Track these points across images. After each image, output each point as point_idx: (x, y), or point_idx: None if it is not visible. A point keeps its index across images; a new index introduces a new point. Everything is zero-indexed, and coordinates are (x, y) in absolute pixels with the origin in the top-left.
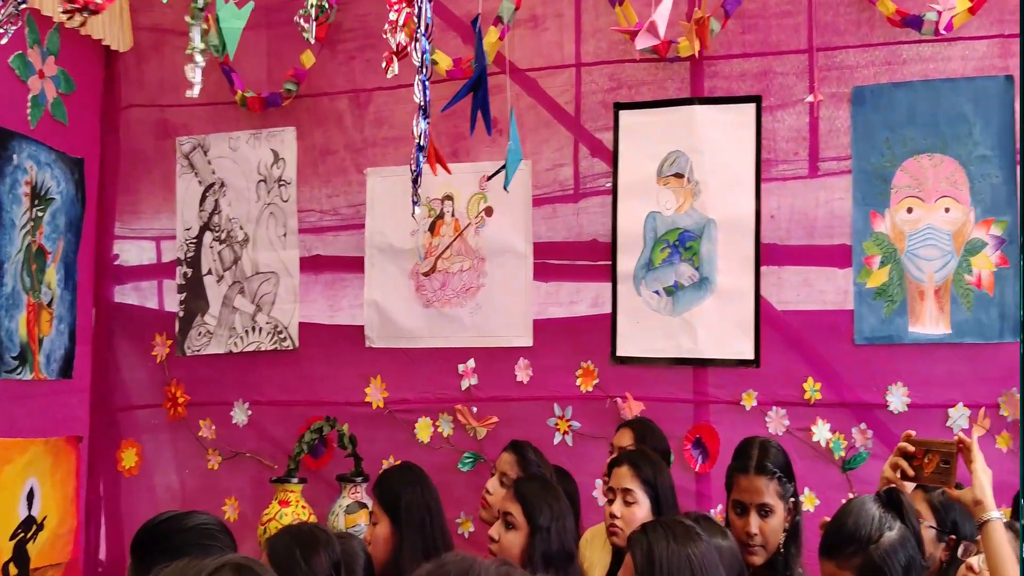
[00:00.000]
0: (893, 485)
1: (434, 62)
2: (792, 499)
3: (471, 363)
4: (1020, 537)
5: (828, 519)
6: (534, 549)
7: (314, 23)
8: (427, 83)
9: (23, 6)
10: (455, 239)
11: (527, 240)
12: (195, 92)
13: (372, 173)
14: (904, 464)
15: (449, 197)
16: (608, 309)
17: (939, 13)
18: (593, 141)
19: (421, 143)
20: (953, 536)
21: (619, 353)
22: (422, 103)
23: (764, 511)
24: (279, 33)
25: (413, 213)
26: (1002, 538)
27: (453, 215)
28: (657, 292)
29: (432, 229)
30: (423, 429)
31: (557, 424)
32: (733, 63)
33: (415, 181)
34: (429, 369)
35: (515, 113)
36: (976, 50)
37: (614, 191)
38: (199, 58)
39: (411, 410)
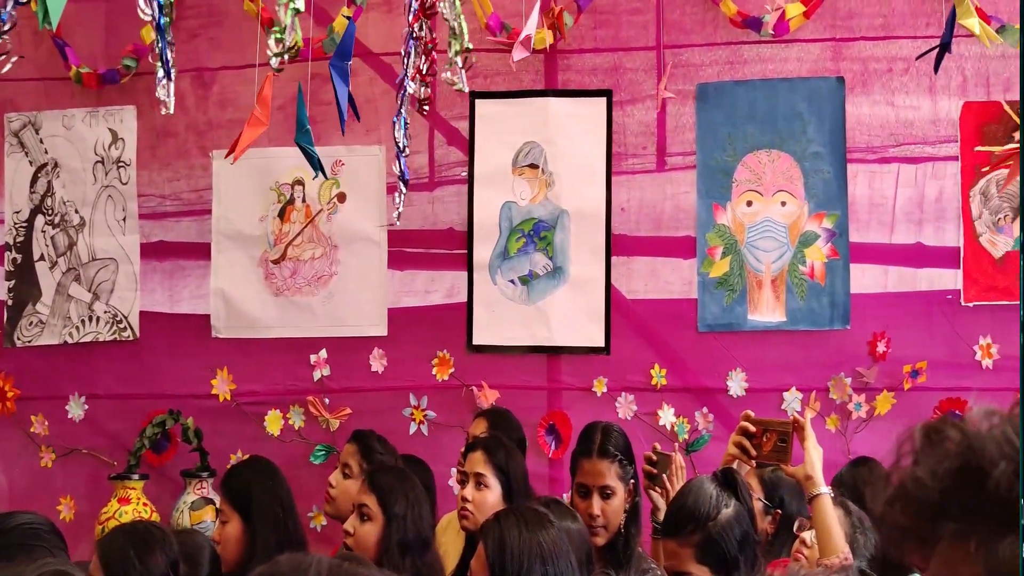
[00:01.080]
0: (732, 464)
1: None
2: (632, 481)
3: (323, 353)
4: (1021, 537)
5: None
6: (390, 538)
7: None
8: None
9: None
10: (306, 226)
11: (381, 227)
12: (7, 66)
13: (218, 156)
14: (746, 443)
15: (299, 182)
16: (464, 298)
17: (775, 16)
18: (449, 129)
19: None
20: (779, 511)
21: (475, 342)
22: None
23: (606, 493)
24: (118, 6)
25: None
26: (830, 511)
27: (304, 200)
28: (512, 281)
29: (282, 215)
30: (273, 422)
31: (412, 414)
32: (585, 57)
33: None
34: (279, 360)
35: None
36: (811, 52)
37: (470, 180)
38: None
39: (260, 402)
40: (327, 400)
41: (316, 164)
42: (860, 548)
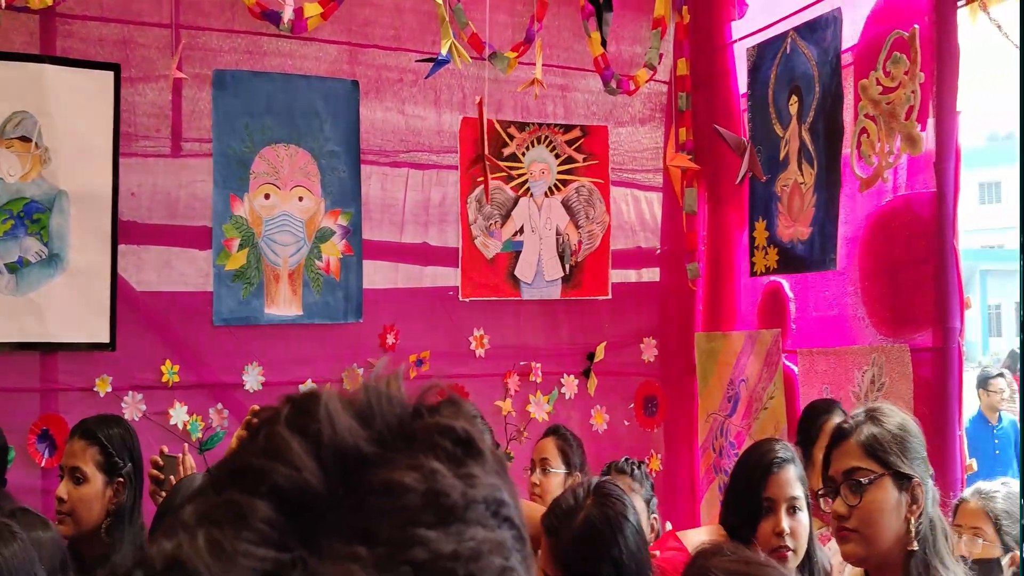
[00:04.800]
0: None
1: None
2: (120, 479)
3: None
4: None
5: None
6: None
7: None
8: None
9: None
10: None
11: None
12: None
13: None
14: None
15: None
16: None
17: (294, 12)
18: None
19: None
20: None
21: None
22: None
23: (76, 477)
24: None
25: None
26: None
27: None
28: None
29: None
30: None
31: None
32: (90, 25)
33: None
34: None
35: None
36: (329, 53)
37: None
38: None
39: None
40: None
41: None
42: None
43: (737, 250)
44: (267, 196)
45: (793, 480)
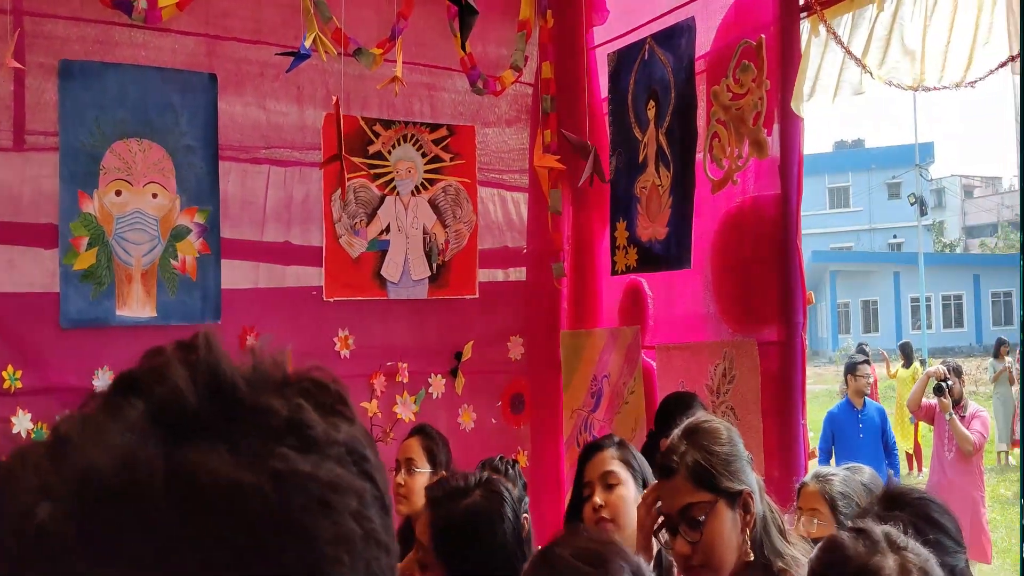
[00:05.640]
0: None
1: None
2: None
3: None
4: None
5: None
6: None
7: None
8: None
9: None
10: None
11: None
12: None
13: None
14: None
15: None
16: None
17: (147, 1)
18: None
19: None
20: None
21: None
22: None
23: None
24: None
25: None
26: None
27: None
28: None
29: None
30: None
31: None
32: None
33: None
34: None
35: None
36: (185, 45)
37: None
38: None
39: None
40: None
41: None
42: None
43: (599, 250)
44: (118, 192)
45: (607, 459)
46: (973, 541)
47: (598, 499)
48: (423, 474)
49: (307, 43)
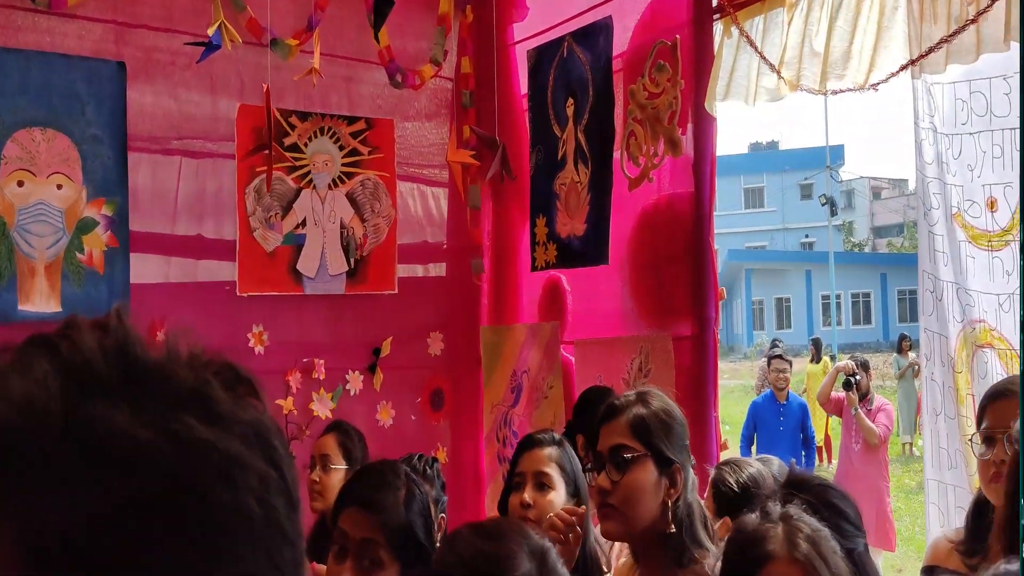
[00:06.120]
0: None
1: None
2: None
3: None
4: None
5: None
6: None
7: None
8: None
9: None
10: None
11: None
12: None
13: None
14: None
15: None
16: None
17: None
18: None
19: None
20: None
21: None
22: None
23: None
24: None
25: None
26: None
27: None
28: None
29: None
30: None
31: None
32: None
33: None
34: None
35: None
36: (92, 32)
37: None
38: None
39: None
40: None
41: None
42: None
43: (519, 246)
44: (20, 183)
45: (545, 459)
46: (878, 529)
47: (528, 497)
48: (339, 471)
49: (210, 31)
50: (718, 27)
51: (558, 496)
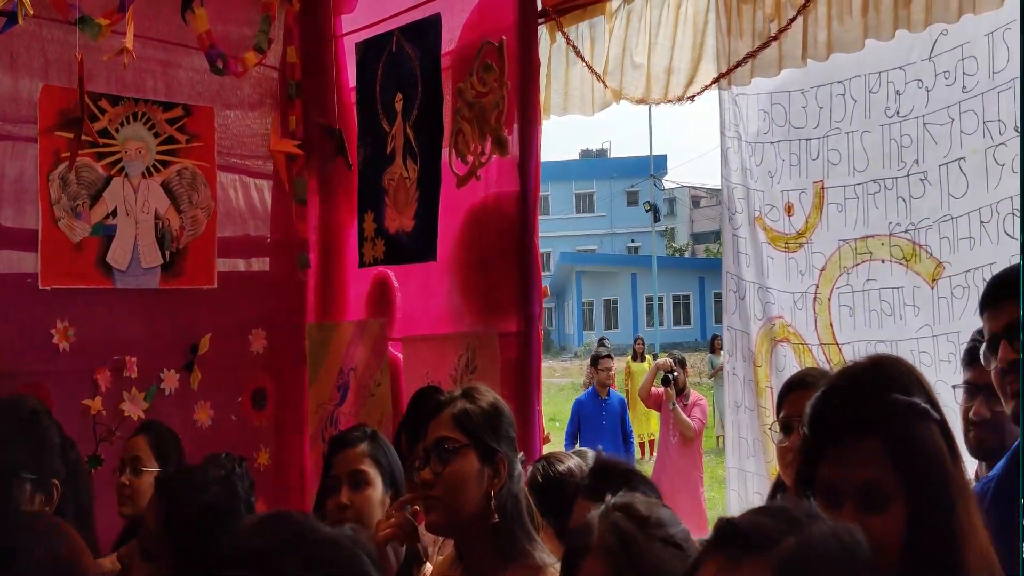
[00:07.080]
0: None
1: None
2: None
3: None
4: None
5: None
6: None
7: None
8: None
9: None
10: None
11: None
12: None
13: None
14: None
15: None
16: None
17: None
18: None
19: None
20: None
21: None
22: None
23: None
24: None
25: None
26: None
27: None
28: None
29: None
30: None
31: None
32: None
33: None
34: None
35: None
36: None
37: None
38: None
39: None
40: None
41: None
42: None
43: (347, 241)
44: None
45: (358, 456)
46: (693, 517)
47: (344, 499)
48: (151, 473)
49: (2, 1)
50: (544, 31)
51: (375, 491)
